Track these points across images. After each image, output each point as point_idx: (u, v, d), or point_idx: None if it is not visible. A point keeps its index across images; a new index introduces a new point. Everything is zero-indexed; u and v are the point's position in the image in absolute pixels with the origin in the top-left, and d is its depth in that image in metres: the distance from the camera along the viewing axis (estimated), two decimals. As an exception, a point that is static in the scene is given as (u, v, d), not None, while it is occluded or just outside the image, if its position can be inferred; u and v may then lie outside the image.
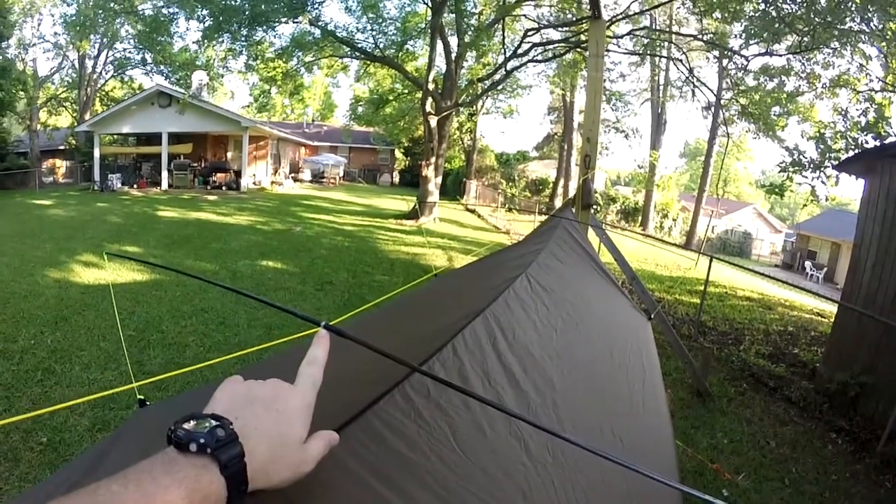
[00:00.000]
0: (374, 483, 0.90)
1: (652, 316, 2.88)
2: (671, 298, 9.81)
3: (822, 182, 10.63)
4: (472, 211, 22.94)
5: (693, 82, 16.48)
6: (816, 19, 10.06)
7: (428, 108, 16.71)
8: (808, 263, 27.79)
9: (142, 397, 1.68)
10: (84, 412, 4.38)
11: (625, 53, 18.84)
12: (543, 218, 6.43)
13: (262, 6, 14.56)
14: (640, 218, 27.03)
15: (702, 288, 9.34)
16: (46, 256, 9.84)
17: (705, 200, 25.73)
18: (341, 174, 33.70)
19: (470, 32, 17.11)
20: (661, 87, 26.26)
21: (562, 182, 26.37)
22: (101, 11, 25.14)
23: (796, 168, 10.95)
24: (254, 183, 24.77)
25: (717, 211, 26.01)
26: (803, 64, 12.40)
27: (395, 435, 1.00)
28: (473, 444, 1.10)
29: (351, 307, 7.69)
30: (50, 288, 7.97)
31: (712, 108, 20.65)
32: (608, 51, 14.52)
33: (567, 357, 1.65)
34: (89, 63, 29.63)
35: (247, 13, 14.88)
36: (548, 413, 1.37)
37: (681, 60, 15.82)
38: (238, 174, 23.35)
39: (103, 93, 31.97)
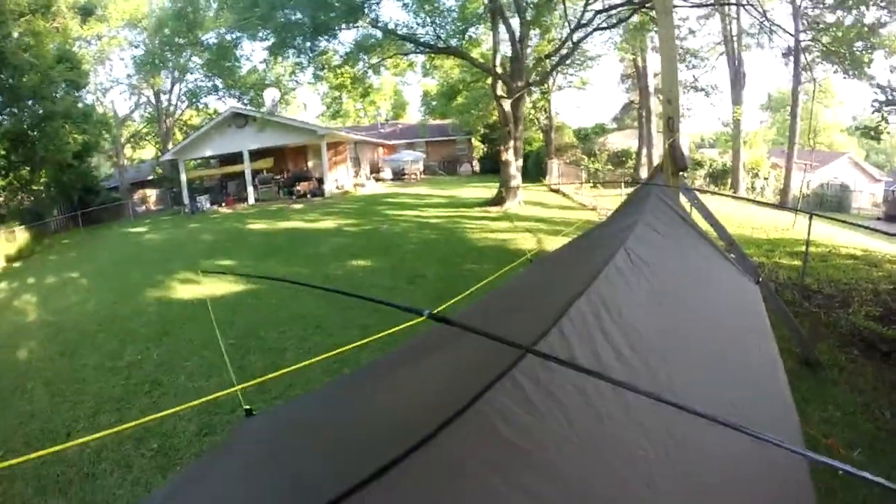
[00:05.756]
0: (493, 478, 0.82)
1: (759, 280, 2.65)
2: (770, 262, 9.12)
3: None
4: (557, 191, 22.10)
5: (769, 26, 15.28)
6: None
7: (499, 91, 16.45)
8: (915, 212, 25.05)
9: (248, 407, 1.71)
10: (191, 418, 4.64)
11: (692, 7, 17.75)
12: (630, 190, 6.09)
13: (322, 16, 14.83)
14: (729, 180, 25.34)
15: (802, 249, 8.61)
16: (146, 278, 10.58)
17: (796, 154, 23.72)
18: (421, 169, 33.70)
19: (530, 10, 16.69)
20: (735, 38, 24.45)
21: (644, 151, 25.24)
22: (167, 47, 26.73)
23: (891, 106, 9.85)
24: (337, 187, 25.35)
25: (810, 164, 23.85)
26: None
27: (508, 424, 0.92)
28: (591, 431, 1.00)
29: (445, 299, 7.60)
30: (151, 306, 8.57)
31: (792, 53, 19.03)
32: (675, 6, 13.70)
33: (676, 330, 1.52)
34: (164, 97, 31.82)
35: (307, 25, 15.22)
36: (661, 390, 1.25)
37: (752, 5, 14.68)
38: (320, 181, 24.04)
39: (181, 122, 34.18)
